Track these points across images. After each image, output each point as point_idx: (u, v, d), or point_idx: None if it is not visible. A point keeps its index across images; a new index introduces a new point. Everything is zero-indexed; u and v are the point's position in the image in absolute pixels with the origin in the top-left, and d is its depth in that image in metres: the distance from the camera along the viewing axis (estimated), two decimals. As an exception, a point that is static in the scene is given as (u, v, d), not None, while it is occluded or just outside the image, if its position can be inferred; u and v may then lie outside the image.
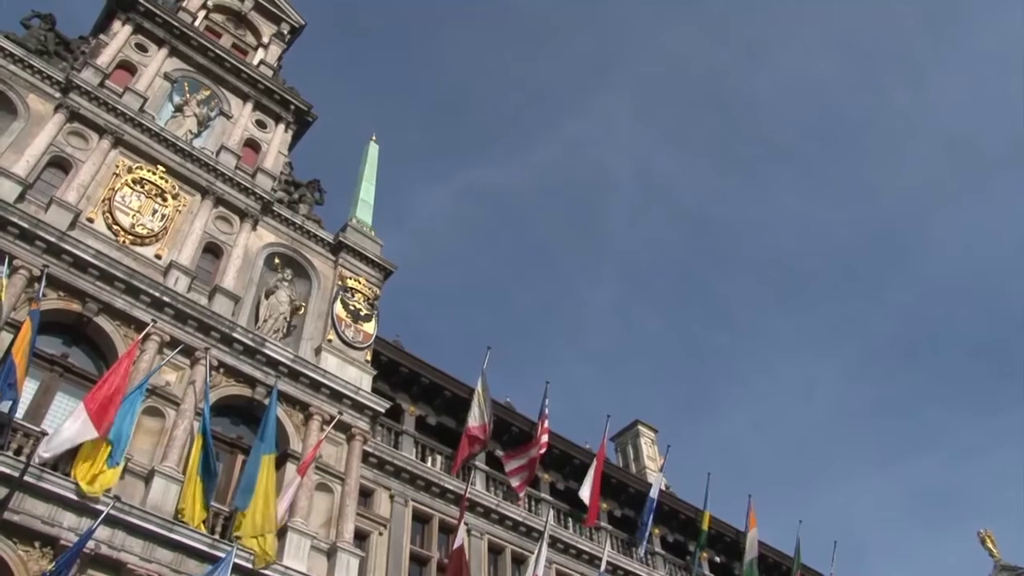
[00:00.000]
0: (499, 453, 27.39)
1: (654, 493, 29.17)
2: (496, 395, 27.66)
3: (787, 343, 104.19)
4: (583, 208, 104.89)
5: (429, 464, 24.83)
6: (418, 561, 23.04)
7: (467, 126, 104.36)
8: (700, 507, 30.80)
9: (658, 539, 30.18)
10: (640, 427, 41.06)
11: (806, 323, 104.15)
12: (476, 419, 25.27)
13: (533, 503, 26.81)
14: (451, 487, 24.30)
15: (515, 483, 25.59)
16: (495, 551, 24.83)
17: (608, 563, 25.87)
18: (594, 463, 27.55)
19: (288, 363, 21.43)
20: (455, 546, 22.04)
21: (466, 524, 23.31)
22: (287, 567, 18.08)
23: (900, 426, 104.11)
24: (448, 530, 23.52)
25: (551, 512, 26.31)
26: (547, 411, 27.26)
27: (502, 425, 27.68)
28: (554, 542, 25.41)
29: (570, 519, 27.63)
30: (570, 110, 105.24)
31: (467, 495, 23.88)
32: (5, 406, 15.96)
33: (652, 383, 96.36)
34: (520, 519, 25.32)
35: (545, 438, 26.54)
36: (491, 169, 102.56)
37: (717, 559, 32.05)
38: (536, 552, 23.51)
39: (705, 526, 30.08)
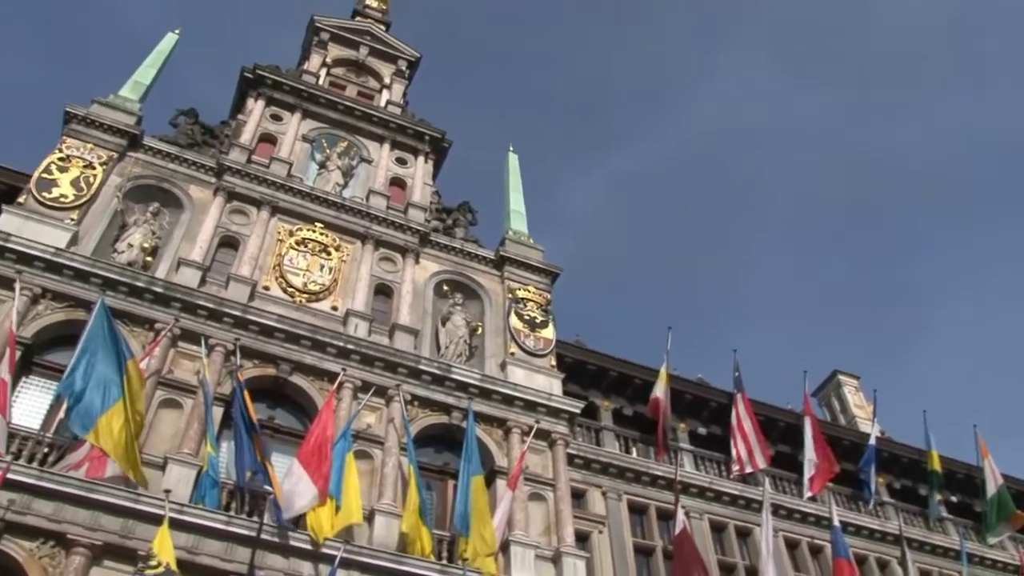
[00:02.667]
0: (702, 431, 27.06)
1: (873, 440, 28.08)
2: (686, 373, 27.37)
3: (976, 260, 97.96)
4: (735, 169, 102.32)
5: (634, 455, 24.67)
6: (643, 552, 22.87)
7: (600, 114, 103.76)
8: (922, 448, 29.40)
9: (884, 488, 28.88)
10: (840, 377, 39.57)
11: (991, 236, 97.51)
12: (659, 392, 25.28)
13: (748, 475, 26.18)
14: (660, 473, 24.06)
15: (756, 461, 25.23)
16: (717, 529, 24.36)
17: (838, 521, 24.95)
18: (807, 424, 26.80)
19: (477, 383, 21.81)
20: (677, 531, 21.77)
21: (683, 507, 23.02)
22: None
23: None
24: (667, 516, 23.29)
25: (767, 481, 25.65)
26: (741, 379, 26.81)
27: (699, 402, 27.30)
28: (776, 509, 24.71)
29: (787, 484, 26.83)
30: (700, 75, 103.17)
31: (678, 478, 23.61)
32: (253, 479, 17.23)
33: (842, 330, 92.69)
34: (737, 493, 24.79)
35: (740, 409, 26.12)
36: (634, 151, 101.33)
37: (953, 499, 30.37)
38: (763, 523, 23.02)
39: (935, 466, 28.63)
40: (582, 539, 21.33)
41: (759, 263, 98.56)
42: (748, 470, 25.19)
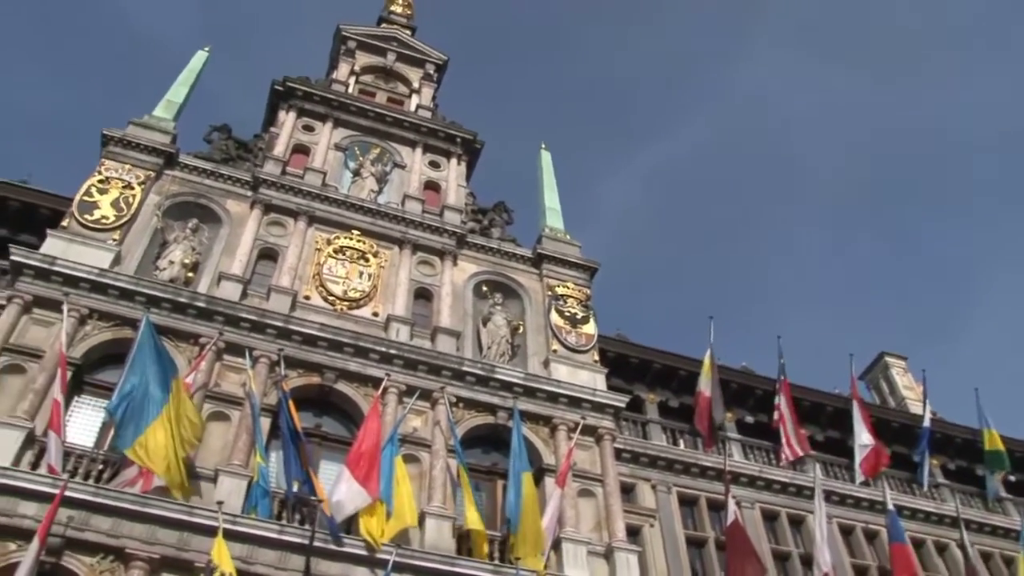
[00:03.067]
0: (749, 419, 26.86)
1: (927, 422, 27.70)
2: (731, 362, 27.20)
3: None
4: (771, 153, 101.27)
5: (682, 446, 24.57)
6: (695, 544, 22.73)
7: (630, 108, 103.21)
8: (976, 427, 28.91)
9: (939, 470, 28.44)
10: (887, 359, 39.04)
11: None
12: (704, 387, 25.16)
13: (798, 462, 25.95)
14: (709, 464, 23.91)
15: (795, 449, 25.03)
16: (770, 517, 24.15)
17: (893, 505, 24.63)
18: (855, 408, 26.52)
19: (521, 382, 21.81)
20: (728, 522, 21.65)
21: (734, 497, 22.85)
22: (571, 579, 18.34)
23: None
24: (717, 507, 23.15)
25: (817, 467, 25.38)
26: (784, 366, 26.64)
27: (744, 391, 27.13)
28: (828, 495, 24.42)
29: (839, 469, 26.52)
30: (728, 64, 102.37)
31: (727, 468, 23.46)
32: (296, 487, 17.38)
33: (887, 312, 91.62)
34: (788, 480, 24.56)
35: (779, 399, 25.94)
36: (667, 143, 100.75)
37: (1011, 478, 29.75)
38: (815, 510, 22.80)
39: (994, 445, 28.11)
40: (633, 533, 21.24)
41: (798, 248, 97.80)
42: (799, 454, 24.95)
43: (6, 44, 78.38)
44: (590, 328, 24.48)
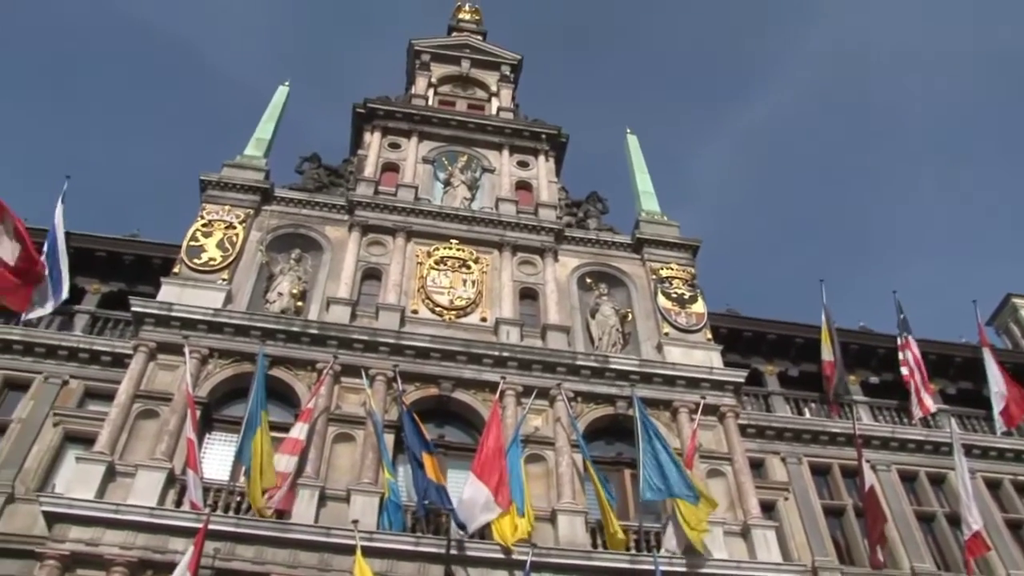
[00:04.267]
0: (873, 380, 26.10)
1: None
2: (848, 324, 26.51)
3: None
4: (862, 102, 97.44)
5: (808, 415, 24.01)
6: (833, 513, 22.18)
7: (712, 78, 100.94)
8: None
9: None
10: (1015, 300, 37.15)
11: None
12: (827, 355, 24.47)
13: (931, 418, 25.02)
14: (838, 430, 23.29)
15: (927, 405, 24.20)
16: (908, 478, 23.30)
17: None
18: (987, 355, 25.44)
19: (636, 369, 21.64)
20: (866, 487, 21.08)
21: (868, 461, 22.23)
22: (712, 559, 18.06)
23: None
24: (852, 473, 22.50)
25: (953, 421, 24.45)
26: (906, 320, 25.76)
27: (865, 351, 26.34)
28: (968, 449, 23.37)
29: (977, 421, 25.45)
30: (806, 16, 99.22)
31: (857, 432, 22.79)
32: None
33: (1009, 251, 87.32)
34: (922, 438, 23.72)
35: (904, 355, 25.09)
36: (754, 107, 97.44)
37: None
38: (956, 466, 21.93)
39: None
40: (768, 509, 20.87)
41: (904, 196, 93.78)
42: (931, 410, 24.07)
43: (97, 109, 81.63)
44: (699, 307, 24.13)
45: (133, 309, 20.41)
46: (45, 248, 22.24)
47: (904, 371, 24.91)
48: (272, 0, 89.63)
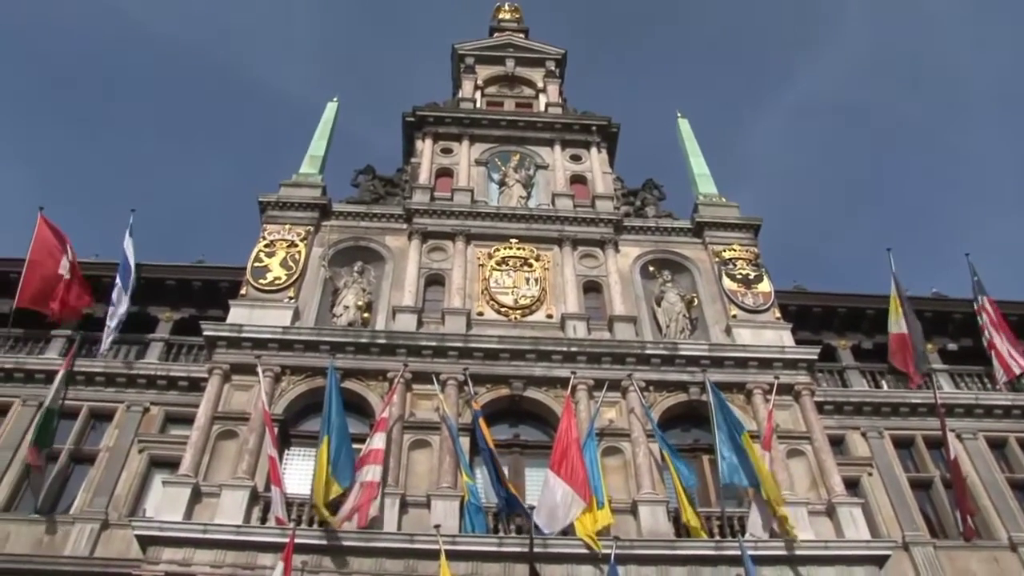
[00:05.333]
0: (951, 347, 25.59)
1: None
2: (919, 291, 25.97)
3: None
4: (917, 64, 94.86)
5: (886, 387, 23.57)
6: (920, 486, 21.77)
7: (755, 51, 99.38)
8: None
9: None
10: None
11: None
12: (897, 327, 23.90)
13: (1016, 382, 24.26)
14: (919, 400, 22.84)
15: (1012, 367, 23.57)
16: (997, 445, 22.76)
17: None
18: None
19: (706, 354, 21.40)
20: (951, 457, 20.55)
21: (952, 431, 21.73)
22: (798, 540, 17.74)
23: None
24: (936, 444, 22.09)
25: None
26: (981, 282, 25.17)
27: (940, 317, 25.83)
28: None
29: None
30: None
31: (939, 401, 22.27)
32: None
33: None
34: (1009, 403, 23.12)
35: (983, 318, 24.50)
36: (804, 80, 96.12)
37: None
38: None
39: None
40: (852, 486, 20.58)
41: (968, 154, 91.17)
42: (1016, 373, 23.41)
43: (151, 137, 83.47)
44: (765, 286, 23.79)
45: (205, 333, 20.83)
46: (118, 281, 22.85)
47: (985, 336, 24.32)
48: (314, 17, 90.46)
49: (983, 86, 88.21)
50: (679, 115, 30.72)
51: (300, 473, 18.81)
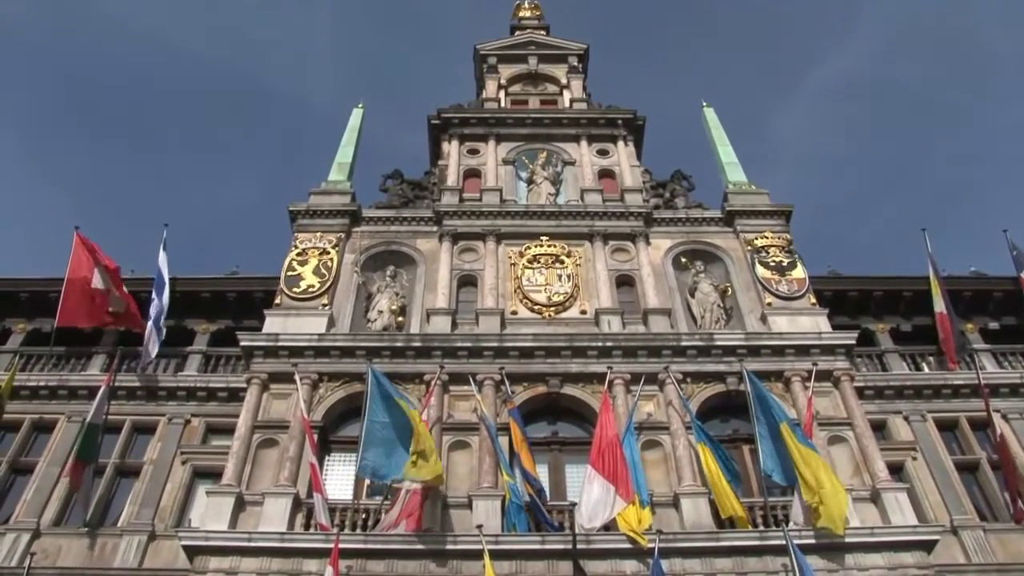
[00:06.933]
0: (993, 326, 25.23)
1: None
2: (957, 270, 25.66)
3: None
4: (943, 44, 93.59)
5: (927, 370, 23.27)
6: (966, 469, 21.47)
7: (779, 35, 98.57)
8: None
9: None
10: None
11: None
12: (940, 306, 23.66)
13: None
14: (961, 382, 22.53)
15: None
16: (1044, 423, 22.46)
17: None
18: None
19: (743, 343, 21.25)
20: (998, 438, 20.23)
21: (997, 411, 21.41)
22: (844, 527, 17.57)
23: None
24: (981, 426, 21.80)
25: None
26: (1020, 257, 24.82)
27: (980, 296, 25.43)
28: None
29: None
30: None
31: (982, 382, 21.95)
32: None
33: None
34: (1055, 380, 22.79)
35: None
36: (828, 60, 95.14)
37: None
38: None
39: None
40: (896, 471, 20.31)
41: (1001, 130, 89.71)
42: None
43: (178, 149, 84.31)
44: (799, 272, 23.57)
45: (242, 344, 21.04)
46: (154, 295, 23.15)
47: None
48: (336, 26, 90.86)
49: (1014, 59, 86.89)
50: (704, 104, 30.55)
51: (340, 479, 18.95)
